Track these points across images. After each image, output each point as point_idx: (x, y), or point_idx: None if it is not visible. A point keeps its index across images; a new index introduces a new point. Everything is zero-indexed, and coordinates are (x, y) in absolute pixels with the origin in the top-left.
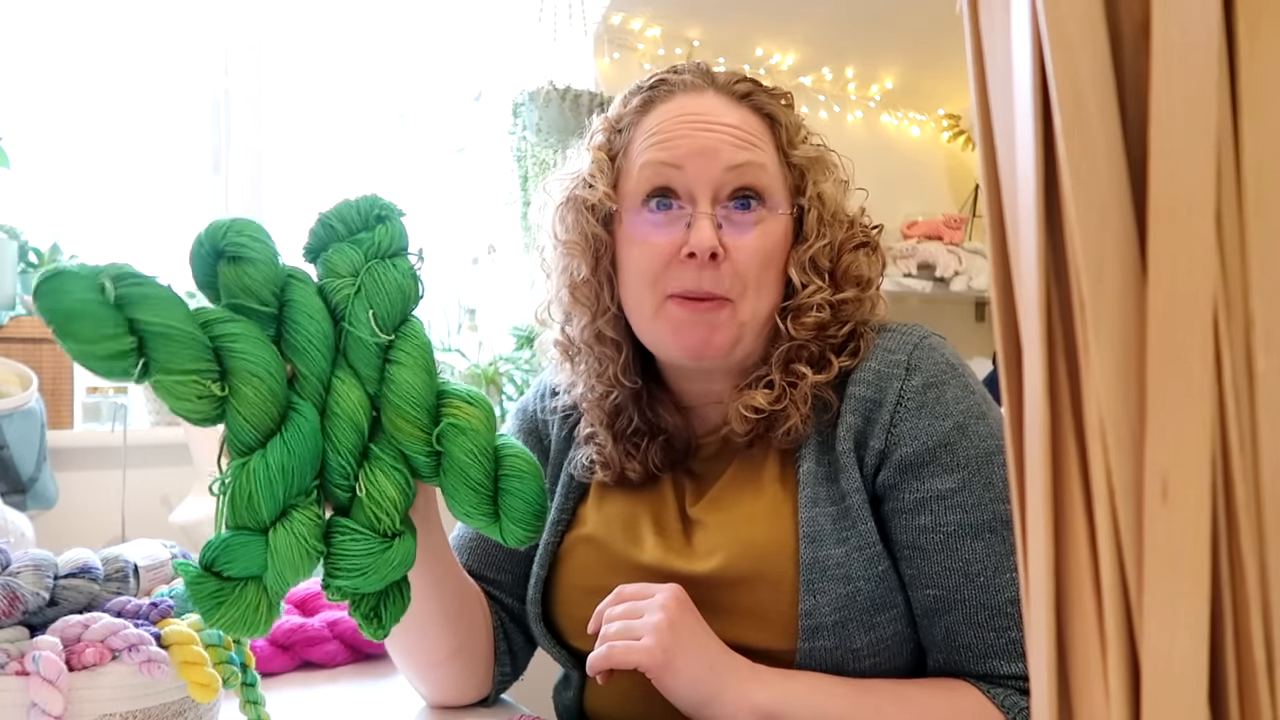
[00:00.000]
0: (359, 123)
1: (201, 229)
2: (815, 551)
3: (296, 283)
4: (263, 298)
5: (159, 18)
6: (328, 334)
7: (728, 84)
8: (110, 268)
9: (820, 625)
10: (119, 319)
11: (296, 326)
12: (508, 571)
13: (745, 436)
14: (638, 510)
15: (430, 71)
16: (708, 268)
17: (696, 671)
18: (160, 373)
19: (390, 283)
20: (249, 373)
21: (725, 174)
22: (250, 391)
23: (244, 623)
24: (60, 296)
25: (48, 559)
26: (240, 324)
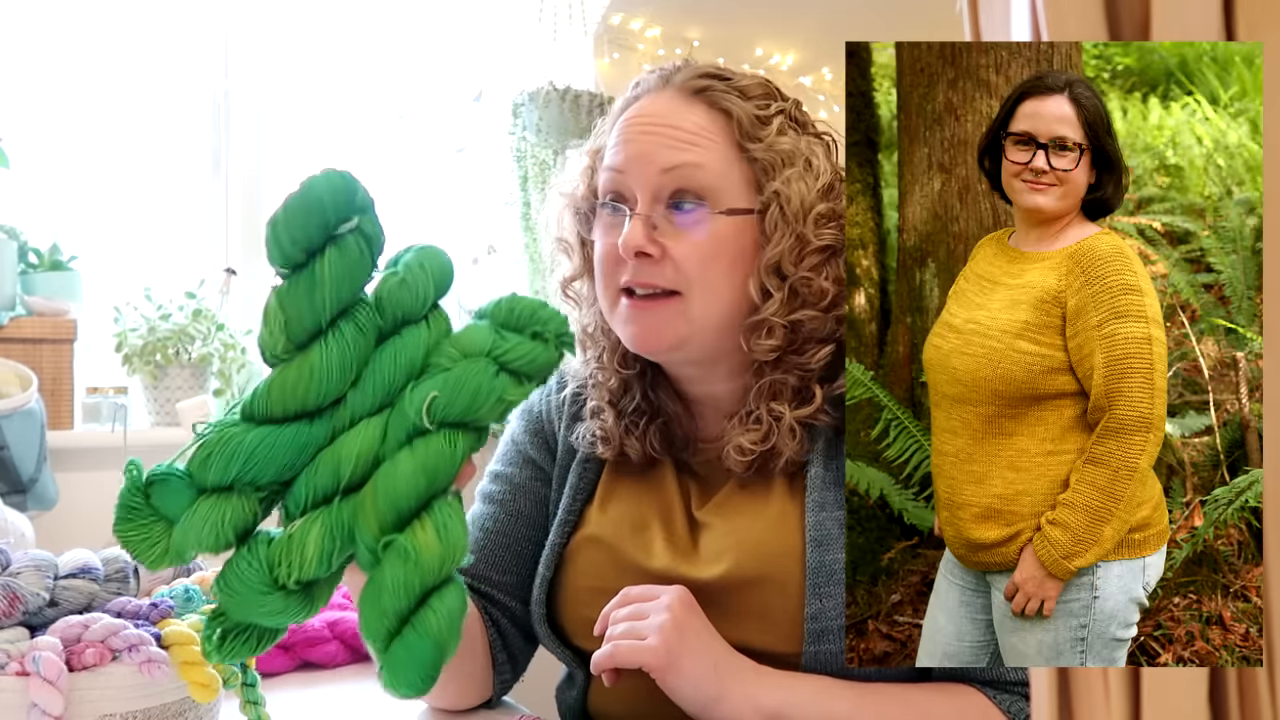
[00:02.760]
0: (359, 123)
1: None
2: (822, 555)
3: (421, 327)
4: (402, 315)
5: (159, 18)
6: (397, 388)
7: (686, 81)
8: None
9: (826, 629)
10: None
11: (383, 365)
12: (512, 573)
13: (745, 474)
14: (644, 511)
15: (430, 71)
16: (645, 265)
17: (701, 672)
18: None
19: (473, 389)
20: (318, 374)
21: (660, 177)
22: (299, 375)
23: (135, 549)
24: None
25: (48, 559)
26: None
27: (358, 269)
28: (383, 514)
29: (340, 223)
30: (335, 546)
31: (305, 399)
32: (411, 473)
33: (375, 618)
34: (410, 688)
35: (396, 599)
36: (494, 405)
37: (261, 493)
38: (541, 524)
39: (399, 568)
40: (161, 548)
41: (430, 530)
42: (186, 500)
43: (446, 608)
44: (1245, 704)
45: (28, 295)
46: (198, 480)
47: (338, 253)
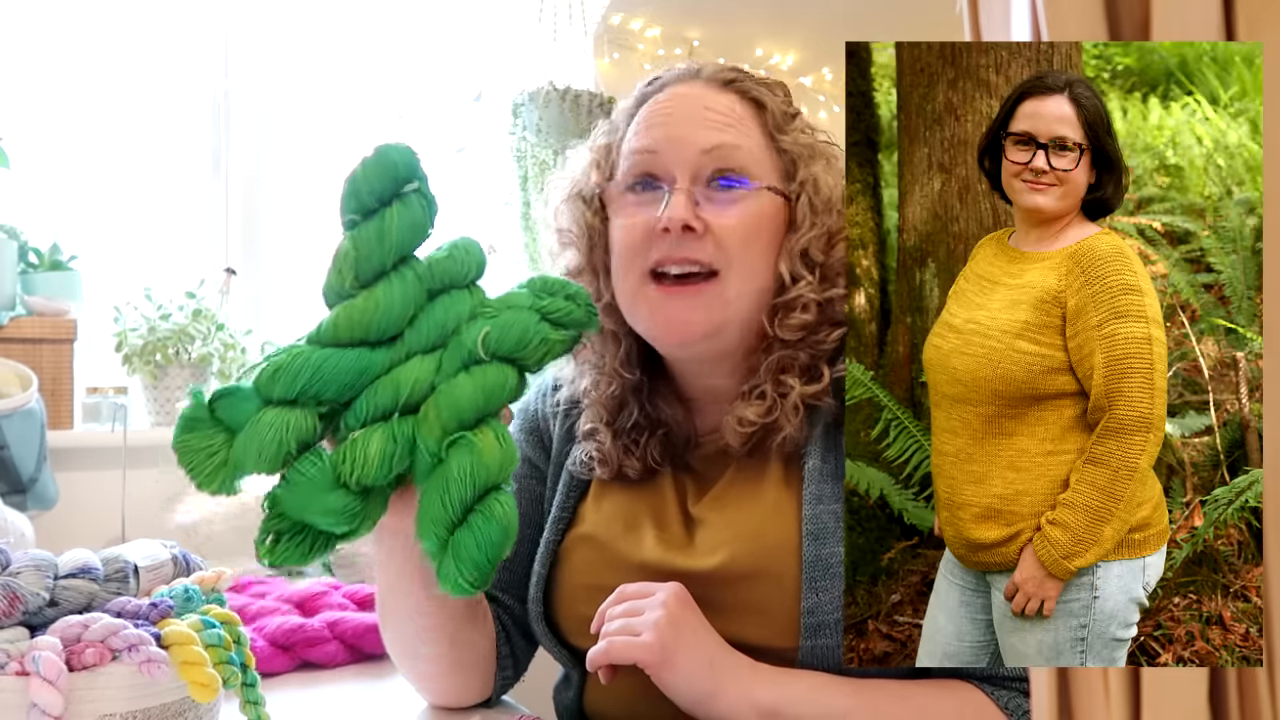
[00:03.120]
0: (359, 123)
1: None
2: (819, 549)
3: (464, 291)
4: (449, 280)
5: (159, 18)
6: (449, 331)
7: (715, 74)
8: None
9: (823, 623)
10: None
11: (436, 311)
12: (508, 571)
13: (741, 449)
14: (638, 508)
15: (430, 71)
16: (685, 239)
17: (696, 668)
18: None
19: (521, 328)
20: (382, 309)
21: (701, 156)
22: (365, 306)
23: (193, 459)
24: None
25: (48, 559)
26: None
27: (420, 223)
28: (446, 421)
29: (406, 182)
30: (396, 451)
31: (369, 328)
32: (472, 390)
33: (440, 510)
34: (474, 574)
35: (463, 488)
36: (538, 345)
37: (323, 408)
38: (538, 522)
39: (465, 460)
40: (220, 458)
41: (491, 435)
42: (251, 412)
43: (507, 502)
44: (1245, 704)
45: (28, 295)
46: (264, 394)
47: (404, 206)
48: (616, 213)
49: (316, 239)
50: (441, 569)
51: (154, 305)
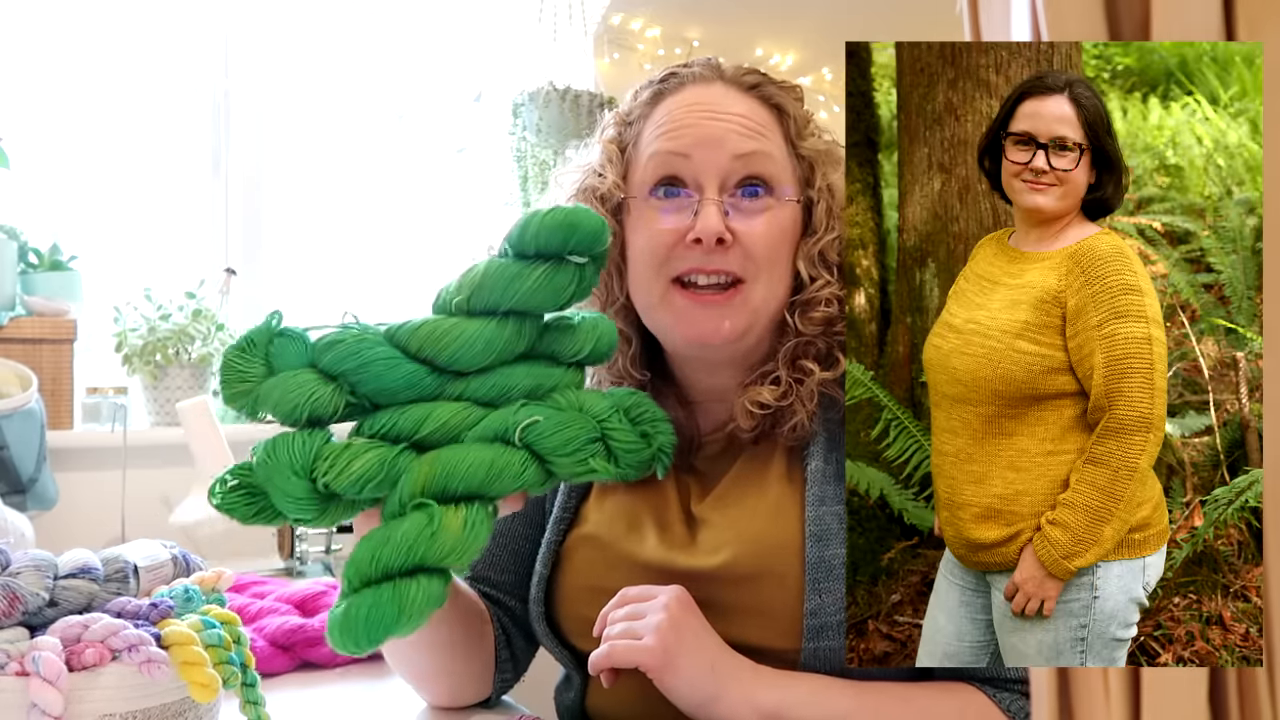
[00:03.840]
0: (359, 123)
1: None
2: (822, 550)
3: (561, 368)
4: (553, 351)
5: (159, 18)
6: (511, 397)
7: (736, 75)
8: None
9: (825, 625)
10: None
11: (516, 373)
12: (510, 572)
13: (751, 433)
14: (640, 508)
15: (430, 72)
16: (715, 251)
17: (697, 671)
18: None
19: (569, 436)
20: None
21: (732, 162)
22: (450, 330)
23: (229, 375)
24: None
25: (48, 559)
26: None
27: (557, 294)
28: (433, 478)
29: (576, 253)
30: (376, 478)
31: (440, 353)
32: (478, 462)
33: (367, 560)
34: (353, 641)
35: (396, 554)
36: (576, 462)
37: (354, 399)
38: (539, 523)
39: (416, 530)
40: (249, 387)
41: (461, 518)
42: (296, 365)
43: (429, 593)
44: (1245, 704)
45: (28, 295)
46: (315, 357)
47: (556, 270)
48: (638, 217)
49: (316, 239)
50: (331, 615)
51: (154, 305)
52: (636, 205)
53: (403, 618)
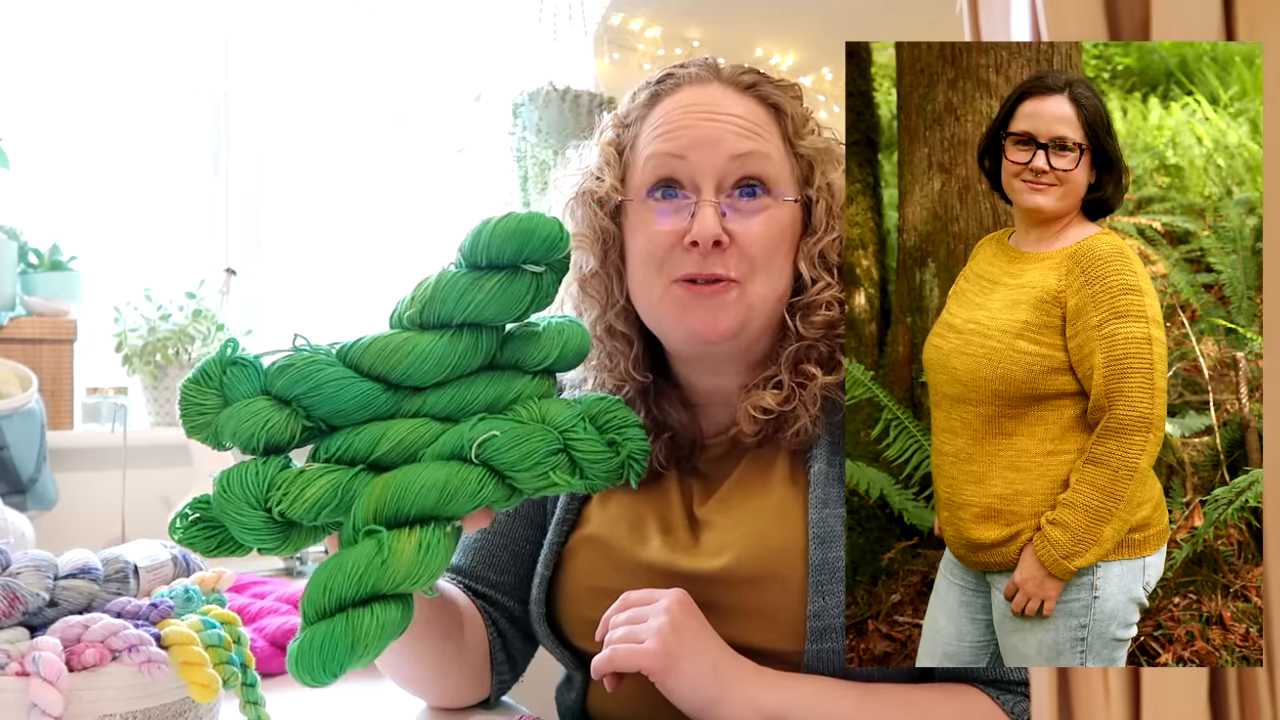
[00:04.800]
0: (359, 123)
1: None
2: (825, 553)
3: (525, 379)
4: (517, 360)
5: (159, 18)
6: (470, 411)
7: (733, 75)
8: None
9: (829, 627)
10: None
11: (475, 387)
12: (510, 573)
13: (754, 437)
14: (644, 510)
15: (430, 71)
16: (712, 254)
17: (699, 674)
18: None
19: (528, 450)
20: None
21: (729, 163)
22: (401, 346)
23: (187, 408)
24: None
25: (48, 559)
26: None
27: (513, 304)
28: (385, 503)
29: (531, 262)
30: (332, 503)
31: (393, 369)
32: (430, 485)
33: (319, 591)
34: (310, 674)
35: (348, 584)
36: (537, 476)
37: (310, 423)
38: (540, 524)
39: (366, 559)
40: (207, 419)
41: (413, 543)
42: (249, 393)
43: (385, 621)
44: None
45: (28, 295)
46: (268, 383)
47: (508, 281)
48: (636, 219)
49: (316, 239)
50: (290, 649)
51: (154, 305)
52: (634, 208)
53: (357, 648)
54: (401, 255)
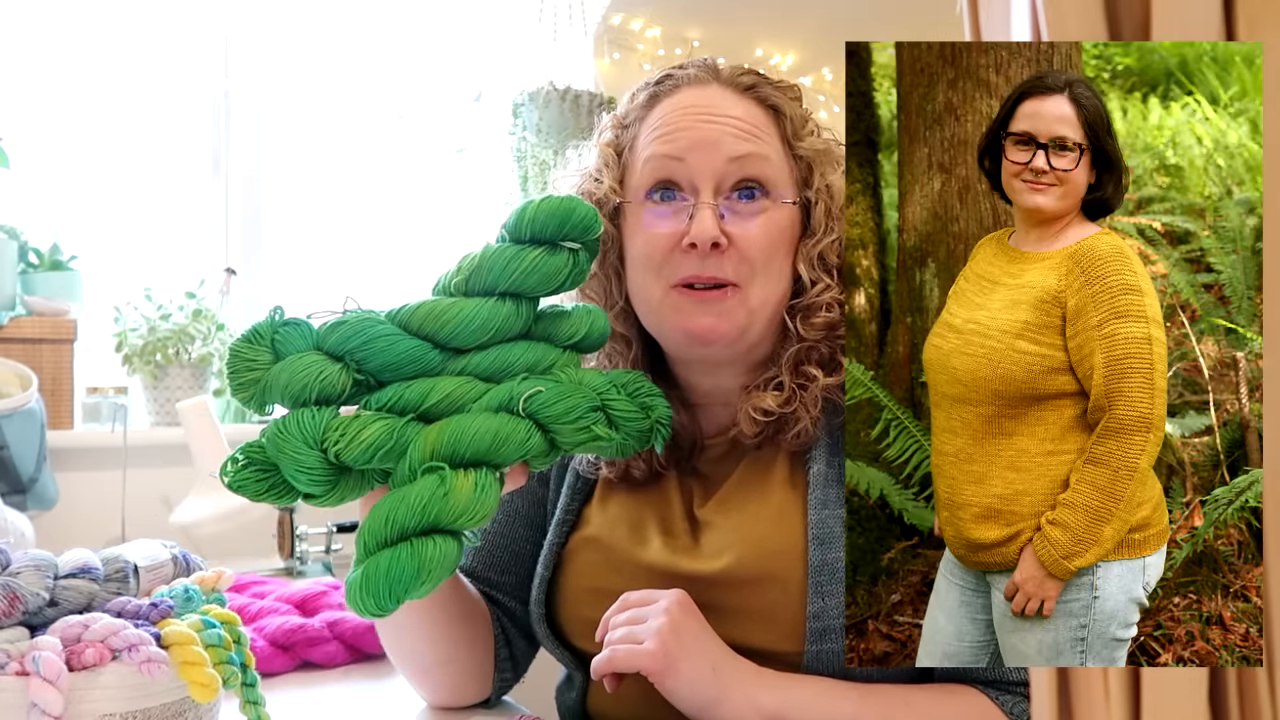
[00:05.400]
0: (359, 123)
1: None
2: (825, 554)
3: (556, 349)
4: (549, 335)
5: (160, 17)
6: (511, 372)
7: (732, 77)
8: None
9: (828, 628)
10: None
11: (515, 350)
12: (511, 573)
13: (754, 439)
14: (644, 511)
15: (430, 72)
16: (711, 256)
17: (699, 674)
18: None
19: (571, 405)
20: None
21: (727, 165)
22: (448, 309)
23: (236, 365)
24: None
25: (48, 559)
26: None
27: (553, 277)
28: (441, 444)
29: (569, 239)
30: (386, 446)
31: (441, 329)
32: (484, 429)
33: (382, 522)
34: (375, 599)
35: (410, 515)
36: (577, 431)
37: (361, 377)
38: (540, 524)
39: (429, 491)
40: (256, 375)
41: (471, 480)
42: (303, 349)
43: (445, 553)
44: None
45: (28, 295)
46: (320, 339)
47: (548, 254)
48: (634, 221)
49: (316, 239)
50: (350, 579)
51: (154, 305)
52: (633, 209)
53: (421, 574)
54: (401, 255)
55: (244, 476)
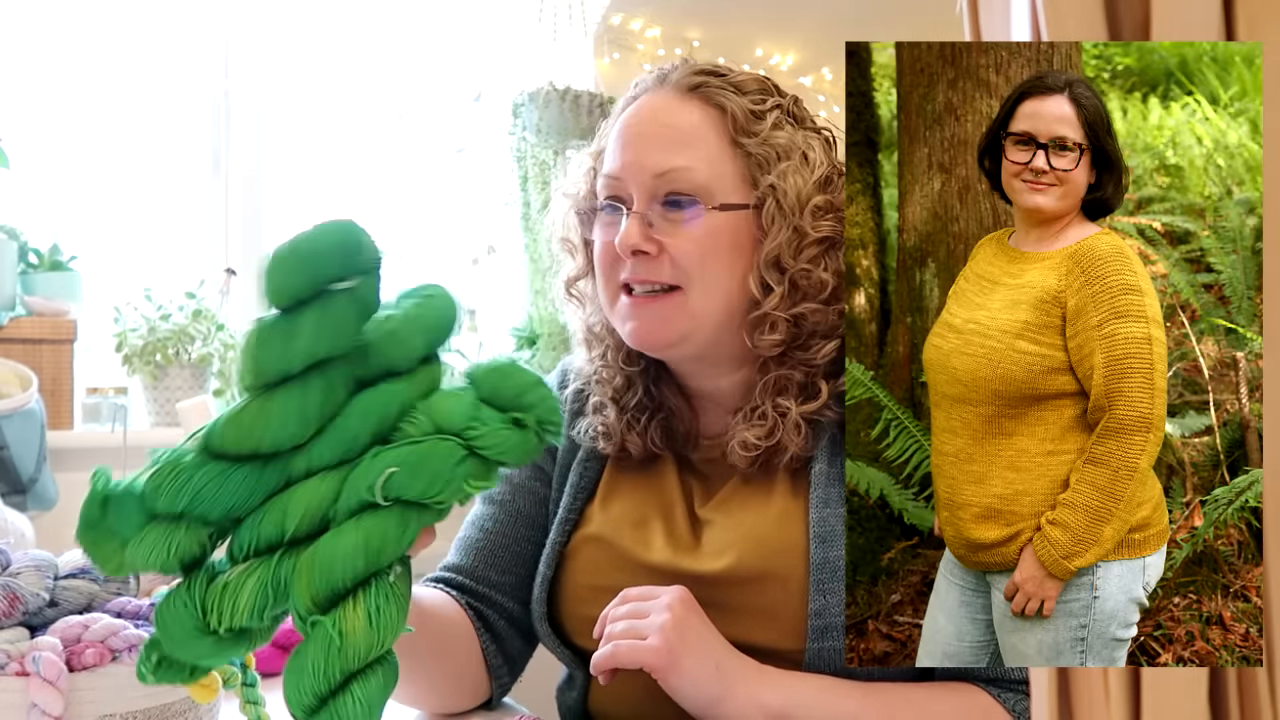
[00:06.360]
0: (359, 123)
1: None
2: (826, 552)
3: (402, 382)
4: (387, 365)
5: (160, 18)
6: (361, 445)
7: (681, 79)
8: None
9: (830, 625)
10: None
11: (350, 420)
12: (511, 573)
13: (750, 469)
14: (646, 510)
15: (430, 72)
16: (643, 262)
17: (702, 672)
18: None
19: (434, 470)
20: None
21: (655, 180)
22: (255, 417)
23: (93, 557)
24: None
25: (48, 560)
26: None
27: (341, 330)
28: (317, 587)
29: (334, 280)
30: (269, 601)
31: (258, 442)
32: (352, 550)
33: (294, 692)
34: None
35: (316, 681)
36: (454, 491)
37: (210, 527)
38: (542, 524)
39: (324, 651)
40: (116, 561)
41: (361, 614)
42: (139, 522)
43: (368, 695)
44: (1245, 704)
45: (28, 295)
46: (149, 505)
47: (321, 311)
48: (596, 227)
49: None
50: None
51: (154, 305)
52: (596, 217)
53: (367, 717)
54: (401, 255)
55: (163, 674)
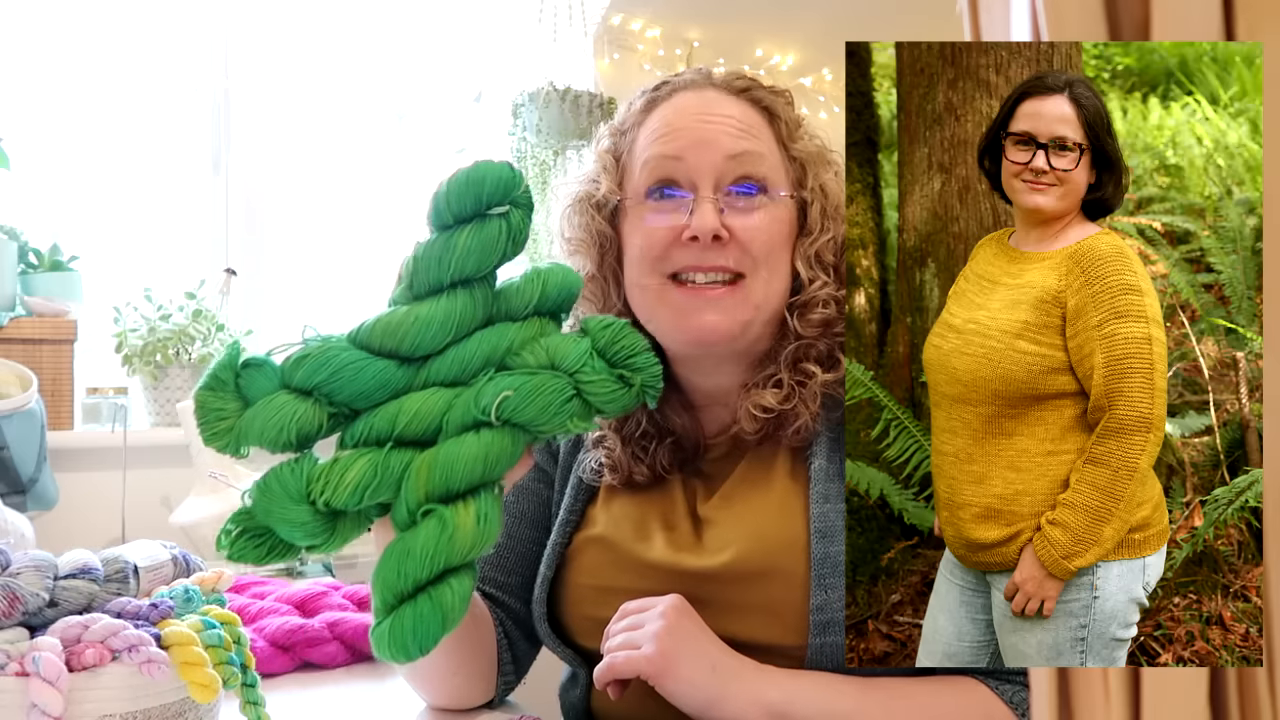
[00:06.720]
0: (359, 123)
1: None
2: (827, 547)
3: (515, 325)
4: (507, 310)
5: (159, 18)
6: (471, 370)
7: (726, 80)
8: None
9: (831, 621)
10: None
11: (468, 346)
12: (516, 574)
13: (755, 436)
14: (647, 510)
15: (430, 72)
16: (711, 249)
17: (698, 674)
18: None
19: (544, 403)
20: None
21: (726, 162)
22: (404, 319)
23: (206, 417)
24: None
25: (48, 560)
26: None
27: (491, 249)
28: (434, 482)
29: (493, 205)
30: (373, 484)
31: (401, 342)
32: (473, 457)
33: (395, 577)
34: (405, 653)
35: (421, 566)
36: (559, 424)
37: (334, 409)
38: (544, 525)
39: (433, 538)
40: (229, 424)
41: (472, 514)
42: (270, 390)
43: (462, 591)
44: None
45: (28, 295)
46: (286, 377)
47: (478, 229)
48: (634, 219)
49: (317, 239)
50: (376, 633)
51: (154, 306)
52: (632, 208)
53: (447, 621)
54: (401, 255)
55: (241, 545)
